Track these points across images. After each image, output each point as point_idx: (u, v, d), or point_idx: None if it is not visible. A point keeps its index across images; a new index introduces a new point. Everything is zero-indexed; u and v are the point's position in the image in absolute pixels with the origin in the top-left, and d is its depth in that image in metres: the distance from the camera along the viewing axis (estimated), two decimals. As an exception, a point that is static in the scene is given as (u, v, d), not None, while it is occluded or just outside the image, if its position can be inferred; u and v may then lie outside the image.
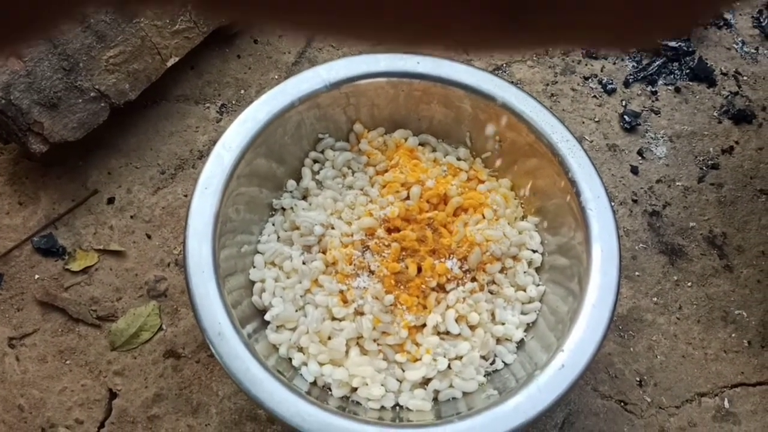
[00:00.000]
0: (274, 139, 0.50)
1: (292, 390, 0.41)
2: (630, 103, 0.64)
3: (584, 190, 0.47)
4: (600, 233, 0.46)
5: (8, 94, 0.52)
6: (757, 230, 0.59)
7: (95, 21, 0.55)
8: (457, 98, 0.51)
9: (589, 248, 0.46)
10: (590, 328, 0.43)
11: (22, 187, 0.58)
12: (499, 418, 0.41)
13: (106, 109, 0.56)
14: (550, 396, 0.41)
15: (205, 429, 0.50)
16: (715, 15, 0.23)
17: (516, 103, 0.50)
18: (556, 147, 0.49)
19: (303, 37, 0.63)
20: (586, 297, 0.44)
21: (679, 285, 0.56)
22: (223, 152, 0.47)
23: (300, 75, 0.51)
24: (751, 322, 0.55)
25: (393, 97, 0.52)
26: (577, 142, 0.49)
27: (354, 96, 0.52)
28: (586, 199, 0.47)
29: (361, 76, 0.51)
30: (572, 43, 0.22)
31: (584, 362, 0.42)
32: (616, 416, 0.52)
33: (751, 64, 0.66)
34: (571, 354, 0.42)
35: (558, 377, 0.42)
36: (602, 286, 0.44)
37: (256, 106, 0.49)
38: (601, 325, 0.43)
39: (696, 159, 0.62)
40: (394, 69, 0.51)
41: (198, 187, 0.46)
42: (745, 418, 0.52)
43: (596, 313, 0.44)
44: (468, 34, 0.19)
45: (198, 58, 0.63)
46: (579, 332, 0.43)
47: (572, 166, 0.48)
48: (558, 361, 0.42)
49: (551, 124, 0.49)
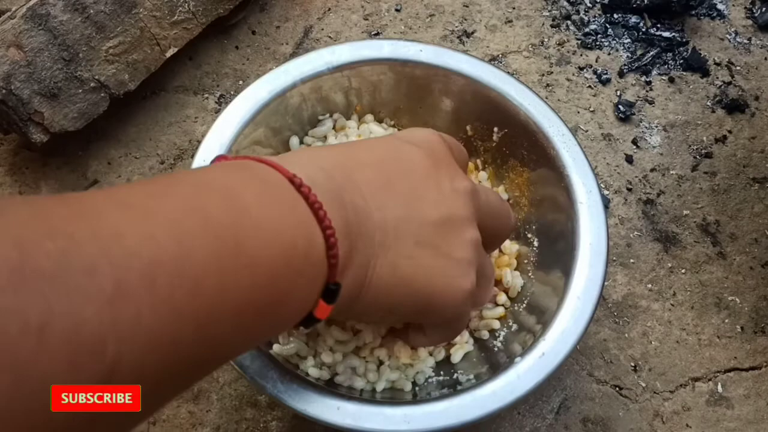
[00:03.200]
0: (275, 118, 0.51)
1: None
2: (624, 93, 0.64)
3: (576, 184, 0.48)
4: (590, 227, 0.46)
5: (8, 84, 0.53)
6: (749, 218, 0.59)
7: (95, 12, 0.55)
8: (457, 87, 0.52)
9: (577, 241, 0.46)
10: (573, 319, 0.44)
11: (22, 177, 0.58)
12: (475, 401, 0.41)
13: (106, 99, 0.57)
14: (528, 383, 0.42)
15: (206, 415, 0.51)
16: None
17: (515, 95, 0.51)
18: (552, 140, 0.49)
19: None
20: (571, 288, 0.45)
21: (673, 272, 0.57)
22: (223, 126, 0.48)
23: (304, 56, 0.51)
24: (744, 308, 0.56)
25: (395, 83, 0.53)
26: (572, 137, 0.49)
27: (356, 80, 0.52)
28: (578, 193, 0.48)
29: (364, 61, 0.51)
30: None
31: (565, 352, 0.43)
32: (611, 400, 0.52)
33: (744, 54, 0.67)
34: (553, 343, 0.43)
35: (538, 365, 0.42)
36: (589, 279, 0.45)
37: (258, 84, 0.50)
38: (584, 316, 0.44)
39: (690, 148, 0.62)
40: (397, 56, 0.52)
41: (196, 158, 0.47)
42: (737, 402, 0.53)
43: (580, 305, 0.44)
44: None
45: (196, 49, 0.64)
46: (562, 323, 0.44)
47: (566, 161, 0.49)
48: (539, 349, 0.43)
49: (548, 117, 0.50)
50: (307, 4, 0.68)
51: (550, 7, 0.69)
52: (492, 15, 0.68)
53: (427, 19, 0.68)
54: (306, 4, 0.68)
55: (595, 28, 0.68)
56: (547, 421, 0.51)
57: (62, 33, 0.54)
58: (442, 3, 0.69)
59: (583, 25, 0.68)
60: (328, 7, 0.68)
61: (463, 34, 0.67)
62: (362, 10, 0.68)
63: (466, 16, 0.68)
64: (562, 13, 0.69)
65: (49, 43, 0.54)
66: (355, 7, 0.68)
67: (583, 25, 0.68)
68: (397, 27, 0.67)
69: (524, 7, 0.69)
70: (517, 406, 0.50)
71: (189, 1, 0.59)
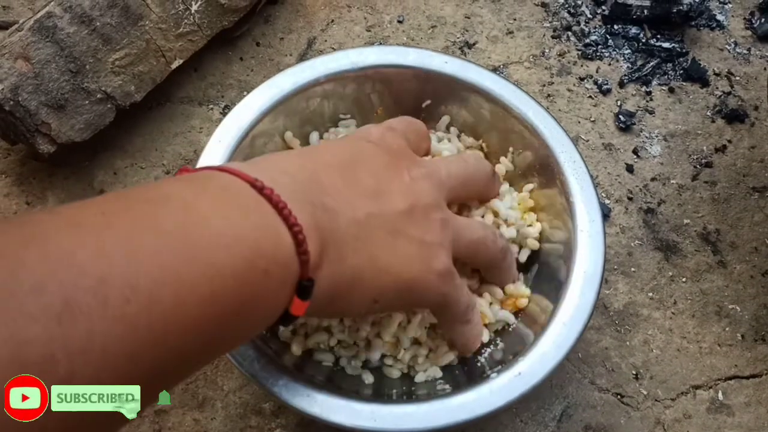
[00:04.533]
0: (296, 110, 0.51)
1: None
2: (625, 103, 0.65)
3: (580, 212, 0.48)
4: (588, 255, 0.47)
5: (16, 96, 0.53)
6: (749, 227, 0.60)
7: (101, 24, 0.56)
8: (477, 104, 0.53)
9: (572, 267, 0.47)
10: (555, 345, 0.44)
11: (29, 187, 0.59)
12: (444, 409, 0.42)
13: (113, 110, 0.57)
14: (499, 400, 0.42)
15: (211, 423, 0.51)
16: None
17: (532, 116, 0.51)
18: (562, 166, 0.50)
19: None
20: (558, 314, 0.45)
21: (674, 280, 0.57)
22: (243, 111, 0.49)
23: (331, 54, 0.53)
24: (745, 317, 0.56)
25: (418, 91, 0.53)
26: (583, 164, 0.50)
27: (380, 83, 0.53)
28: (581, 220, 0.48)
29: (389, 65, 0.52)
30: None
31: (542, 375, 0.43)
32: (613, 408, 0.53)
33: (744, 65, 0.68)
34: (531, 365, 0.43)
35: (512, 383, 0.43)
36: (577, 307, 0.45)
37: (282, 76, 0.51)
38: (566, 343, 0.44)
39: (690, 157, 0.63)
40: (422, 65, 0.52)
41: (212, 139, 0.48)
42: (738, 409, 0.53)
43: (564, 332, 0.44)
44: None
45: (201, 61, 0.65)
46: (544, 346, 0.44)
47: (573, 188, 0.49)
48: (516, 369, 0.43)
49: (562, 143, 0.50)
50: (311, 16, 0.69)
51: (551, 18, 0.70)
52: (493, 26, 0.69)
53: (429, 30, 0.68)
54: (309, 16, 0.69)
55: (595, 38, 0.69)
56: (549, 428, 0.52)
57: (69, 45, 0.55)
58: (444, 14, 0.69)
59: (583, 36, 0.69)
60: (332, 18, 0.69)
61: (464, 45, 0.68)
62: (365, 22, 0.69)
63: (468, 28, 0.69)
64: (562, 24, 0.69)
65: (56, 55, 0.55)
66: (357, 18, 0.69)
67: (584, 36, 0.69)
68: (400, 38, 0.68)
69: (525, 19, 0.70)
70: (486, 420, 0.50)
71: (194, 13, 0.60)
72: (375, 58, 0.52)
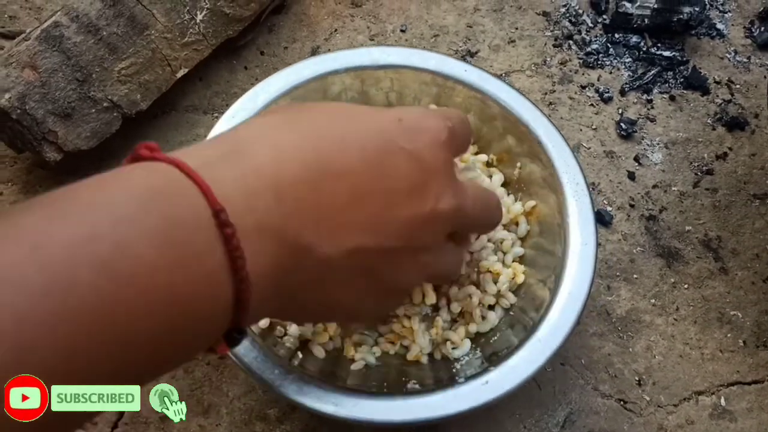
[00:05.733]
0: (312, 98, 0.52)
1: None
2: (626, 111, 0.66)
3: (574, 234, 0.48)
4: (574, 277, 0.47)
5: (23, 104, 0.54)
6: (751, 234, 0.60)
7: (107, 34, 0.57)
8: (492, 114, 0.53)
9: (559, 287, 0.47)
10: (527, 362, 0.44)
11: (36, 195, 0.59)
12: (405, 406, 0.43)
13: (119, 118, 0.58)
14: (460, 405, 0.43)
15: (216, 429, 0.51)
16: None
17: (542, 134, 0.51)
18: (564, 187, 0.50)
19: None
20: (537, 332, 0.45)
21: (676, 287, 0.58)
22: (259, 92, 0.51)
23: (353, 50, 0.54)
24: (746, 323, 0.57)
25: (435, 96, 0.54)
26: (586, 187, 0.50)
27: (399, 83, 0.54)
28: (573, 243, 0.48)
29: (410, 67, 0.53)
30: None
31: (506, 388, 0.43)
32: (616, 415, 0.53)
33: (744, 73, 0.68)
34: (499, 376, 0.44)
35: (477, 391, 0.43)
36: (555, 326, 0.45)
37: (302, 64, 0.52)
38: (539, 358, 0.44)
39: (691, 165, 0.63)
40: (442, 71, 0.53)
41: (225, 114, 0.49)
42: (741, 415, 0.53)
43: (539, 347, 0.44)
44: None
45: (206, 70, 0.65)
46: (515, 360, 0.44)
47: (571, 210, 0.49)
48: (485, 378, 0.44)
49: (568, 164, 0.51)
50: (314, 25, 0.69)
51: (552, 27, 0.70)
52: (495, 35, 0.70)
53: (431, 39, 0.69)
54: (313, 26, 0.69)
55: (596, 47, 0.69)
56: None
57: (76, 54, 0.56)
58: (446, 23, 0.70)
59: (584, 45, 0.69)
60: (335, 28, 0.69)
61: (467, 53, 0.68)
62: (368, 31, 0.69)
63: (470, 37, 0.69)
64: (564, 33, 0.70)
65: (62, 64, 0.55)
66: (360, 27, 0.69)
67: (585, 45, 0.69)
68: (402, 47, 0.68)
69: (527, 28, 0.70)
70: (489, 426, 0.51)
71: (199, 23, 0.61)
72: (397, 57, 0.53)
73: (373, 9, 0.71)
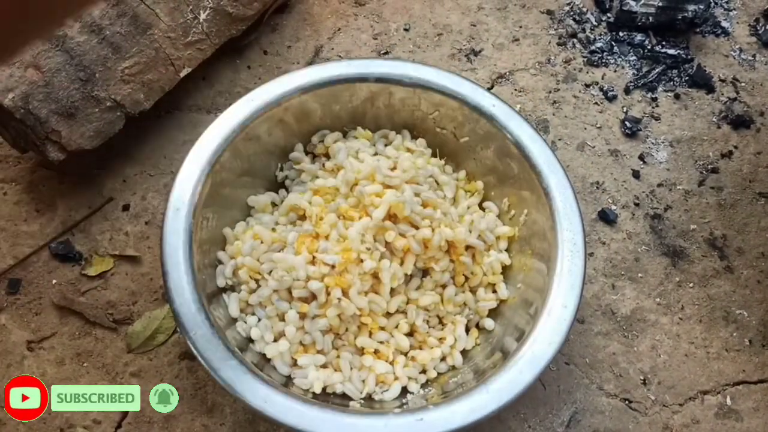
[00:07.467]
0: (335, 98, 0.54)
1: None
2: (631, 110, 0.65)
3: (555, 294, 0.47)
4: (555, 300, 0.46)
5: (27, 104, 0.54)
6: (756, 232, 0.60)
7: (111, 33, 0.56)
8: (508, 152, 0.52)
9: (547, 298, 0.46)
10: (472, 406, 0.43)
11: (39, 194, 0.59)
12: (366, 426, 0.42)
13: (122, 118, 0.58)
14: (431, 428, 0.42)
15: (220, 428, 0.51)
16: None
17: (548, 174, 0.50)
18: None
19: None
20: (520, 354, 0.45)
21: (681, 286, 0.58)
22: (275, 84, 0.53)
23: (390, 60, 0.55)
24: (752, 322, 0.56)
25: (461, 123, 0.54)
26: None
27: (426, 103, 0.54)
28: (555, 303, 0.47)
29: (441, 90, 0.53)
30: None
31: (490, 409, 0.43)
32: (621, 414, 0.53)
33: (749, 71, 0.68)
34: (487, 396, 0.43)
35: (412, 425, 0.43)
36: (534, 355, 0.45)
37: (336, 64, 0.53)
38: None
39: (696, 163, 0.63)
40: (472, 100, 0.53)
41: (238, 102, 0.53)
42: (747, 414, 0.53)
43: (485, 398, 0.44)
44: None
45: (210, 69, 0.65)
46: (483, 393, 0.44)
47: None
48: (421, 414, 0.43)
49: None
50: (318, 24, 0.69)
51: (556, 25, 0.70)
52: (499, 34, 0.69)
53: (435, 38, 0.69)
54: (316, 25, 0.69)
55: (601, 45, 0.69)
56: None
57: (79, 54, 0.56)
58: (450, 22, 0.70)
59: (589, 43, 0.69)
60: (338, 27, 0.69)
61: (470, 52, 0.68)
62: (371, 30, 0.69)
63: (474, 35, 0.69)
64: (568, 31, 0.70)
65: (66, 63, 0.55)
66: (364, 26, 0.69)
67: (589, 43, 0.69)
68: (406, 46, 0.68)
69: (531, 26, 0.70)
70: (494, 426, 0.51)
71: (202, 22, 0.61)
72: (430, 76, 0.53)
73: (377, 8, 0.70)
